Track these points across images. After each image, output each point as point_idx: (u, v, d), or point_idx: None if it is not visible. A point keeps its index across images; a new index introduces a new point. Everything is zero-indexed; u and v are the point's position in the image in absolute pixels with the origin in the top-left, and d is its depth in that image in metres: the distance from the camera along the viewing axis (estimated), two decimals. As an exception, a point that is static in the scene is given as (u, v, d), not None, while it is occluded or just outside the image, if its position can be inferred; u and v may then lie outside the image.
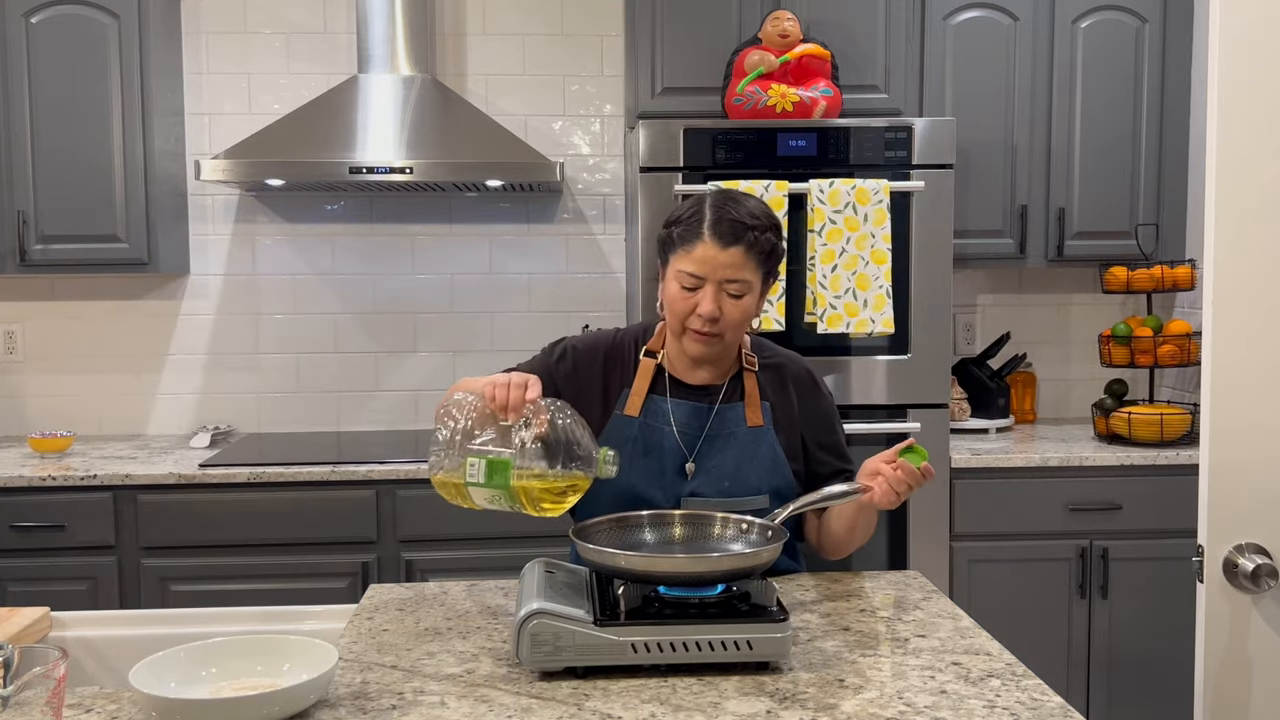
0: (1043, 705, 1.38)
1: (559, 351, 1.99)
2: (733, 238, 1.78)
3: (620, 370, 1.96)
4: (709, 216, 1.80)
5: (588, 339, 2.00)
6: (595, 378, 1.96)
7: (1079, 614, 3.23)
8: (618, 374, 1.96)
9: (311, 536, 3.07)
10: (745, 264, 1.80)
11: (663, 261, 1.89)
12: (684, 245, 1.81)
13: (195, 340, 3.69)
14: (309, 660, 1.41)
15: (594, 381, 1.96)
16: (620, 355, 1.97)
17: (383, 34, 3.41)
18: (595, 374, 1.96)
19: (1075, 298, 3.86)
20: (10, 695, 1.11)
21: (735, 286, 1.80)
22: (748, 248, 1.79)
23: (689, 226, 1.81)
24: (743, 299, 1.82)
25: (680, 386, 1.94)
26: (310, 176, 3.20)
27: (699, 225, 1.80)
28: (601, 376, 1.96)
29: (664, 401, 1.92)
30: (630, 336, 2.00)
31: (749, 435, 1.91)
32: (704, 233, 1.79)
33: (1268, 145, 1.61)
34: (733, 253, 1.78)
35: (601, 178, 3.73)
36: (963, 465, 3.17)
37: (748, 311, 1.84)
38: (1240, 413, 1.63)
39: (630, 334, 2.01)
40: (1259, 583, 1.60)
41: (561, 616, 1.46)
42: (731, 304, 1.81)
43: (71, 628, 1.83)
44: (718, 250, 1.78)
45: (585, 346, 1.98)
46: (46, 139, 3.27)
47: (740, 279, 1.80)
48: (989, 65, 3.43)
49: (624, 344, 1.99)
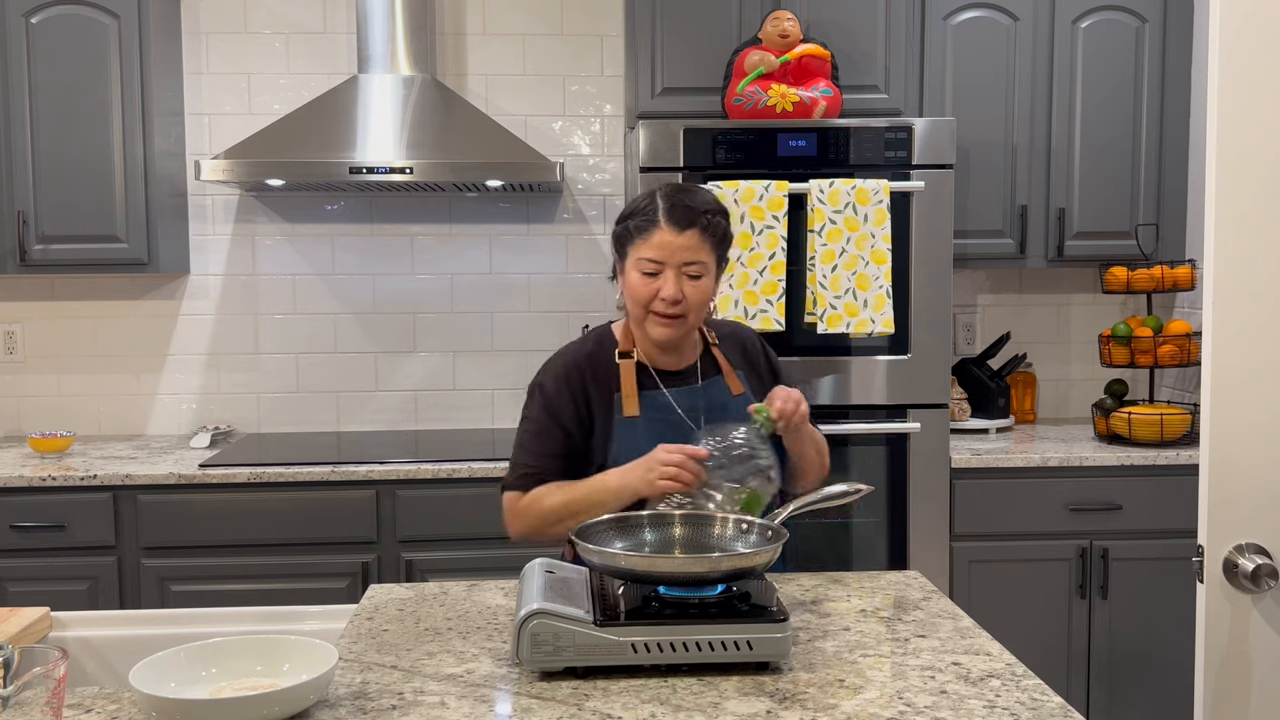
0: (1043, 705, 1.38)
1: (544, 398, 2.00)
2: (688, 222, 1.89)
3: (597, 381, 1.99)
4: (663, 205, 1.91)
5: (553, 371, 2.03)
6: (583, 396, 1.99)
7: (1079, 614, 3.23)
8: (596, 384, 1.99)
9: (311, 536, 3.07)
10: (701, 246, 1.91)
11: (620, 255, 1.98)
12: (641, 235, 1.91)
13: (195, 340, 3.69)
14: (309, 660, 1.41)
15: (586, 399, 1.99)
16: (593, 366, 2.01)
17: (383, 34, 3.41)
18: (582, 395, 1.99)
19: (1075, 298, 3.86)
20: (10, 695, 1.11)
21: (693, 268, 1.91)
22: (702, 230, 1.90)
23: (645, 217, 1.91)
24: (701, 280, 1.92)
25: (665, 375, 2.01)
26: (310, 176, 3.20)
27: (654, 214, 1.90)
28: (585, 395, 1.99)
29: (658, 394, 1.98)
30: (588, 348, 2.04)
31: (737, 403, 2.00)
32: (660, 220, 1.90)
33: (1268, 144, 1.61)
34: (688, 236, 1.89)
35: (601, 178, 3.73)
36: (963, 465, 3.17)
37: (706, 292, 1.94)
38: (1240, 413, 1.63)
39: (587, 346, 2.04)
40: (1259, 583, 1.60)
41: (562, 616, 1.46)
42: (691, 286, 1.91)
43: (71, 628, 1.83)
44: (674, 235, 1.89)
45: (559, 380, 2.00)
46: (46, 139, 3.27)
47: (698, 260, 1.91)
48: (989, 65, 3.43)
49: (590, 355, 2.02)
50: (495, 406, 3.76)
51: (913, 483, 3.15)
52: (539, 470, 1.97)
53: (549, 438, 1.98)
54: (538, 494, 1.95)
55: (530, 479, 1.97)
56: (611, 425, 1.97)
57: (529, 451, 1.99)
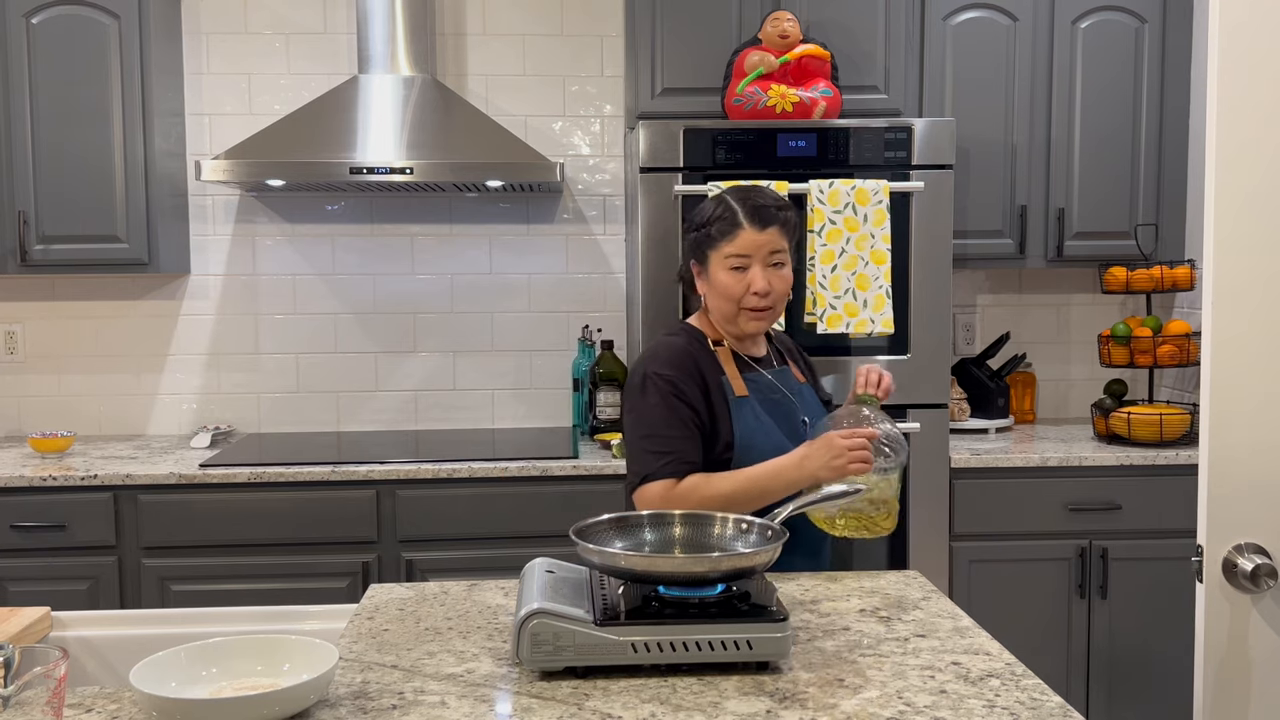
0: (1042, 705, 1.38)
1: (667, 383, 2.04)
2: (768, 220, 2.04)
3: (701, 366, 2.08)
4: (741, 209, 2.05)
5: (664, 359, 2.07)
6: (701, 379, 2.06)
7: (1079, 614, 3.23)
8: (704, 369, 2.08)
9: (311, 536, 3.08)
10: (780, 239, 2.06)
11: (700, 260, 2.09)
12: (725, 238, 2.04)
13: (195, 340, 3.69)
14: (309, 660, 1.41)
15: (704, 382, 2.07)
16: (698, 357, 2.10)
17: (383, 34, 3.41)
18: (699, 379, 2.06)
19: (1075, 298, 3.86)
20: (11, 695, 1.11)
21: (777, 257, 2.06)
22: (780, 225, 2.06)
23: (725, 220, 2.05)
24: (784, 269, 2.08)
25: (754, 362, 2.15)
26: (310, 177, 3.20)
27: (735, 217, 2.04)
28: (701, 378, 2.06)
29: (759, 375, 2.12)
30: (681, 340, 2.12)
31: (804, 389, 2.21)
32: (742, 222, 2.04)
33: (1267, 142, 1.61)
34: (770, 232, 2.04)
35: (601, 178, 3.73)
36: (962, 465, 3.18)
37: (788, 280, 2.09)
38: (1240, 413, 1.63)
39: (680, 339, 2.12)
40: (1259, 583, 1.60)
41: (562, 616, 1.46)
42: (777, 276, 2.06)
43: (71, 628, 1.83)
44: (757, 233, 2.03)
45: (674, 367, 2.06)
46: (46, 139, 3.27)
47: (780, 249, 2.06)
48: (989, 66, 3.43)
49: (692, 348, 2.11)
50: (495, 406, 3.76)
51: (912, 483, 3.15)
52: (681, 452, 1.99)
53: (681, 419, 2.01)
54: (695, 482, 1.97)
55: (677, 462, 1.98)
56: (728, 405, 2.05)
57: (665, 437, 2.00)
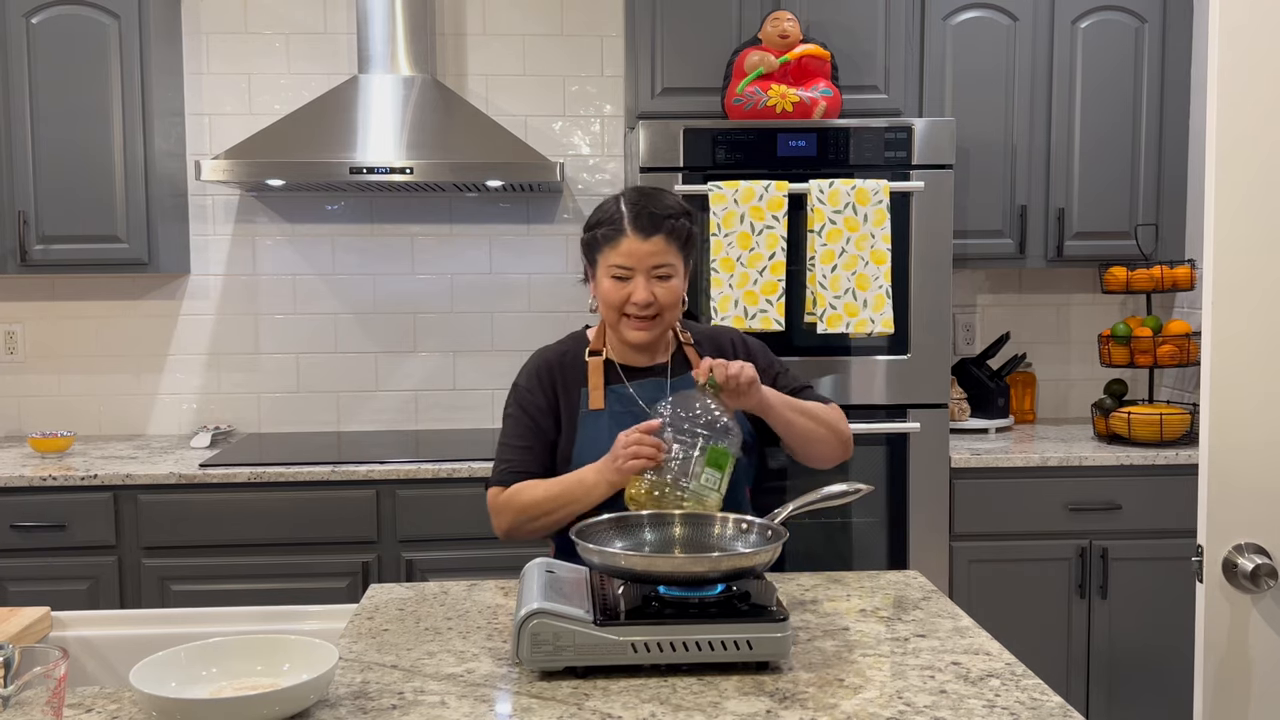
0: (1042, 705, 1.38)
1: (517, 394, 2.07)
2: (653, 228, 1.95)
3: (566, 378, 2.05)
4: (628, 214, 1.96)
5: (527, 369, 2.10)
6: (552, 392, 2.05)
7: (1079, 614, 3.23)
8: (565, 381, 2.05)
9: (311, 536, 3.08)
10: (668, 249, 1.96)
11: (590, 262, 2.04)
12: (609, 243, 1.97)
13: (195, 340, 3.69)
14: (309, 660, 1.41)
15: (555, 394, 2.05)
16: (563, 364, 2.07)
17: (383, 34, 3.41)
18: (550, 391, 2.05)
19: (1075, 298, 3.86)
20: (11, 695, 1.11)
21: (662, 270, 1.96)
22: (667, 235, 1.96)
23: (611, 225, 1.97)
24: (671, 280, 1.98)
25: (634, 372, 2.06)
26: (310, 176, 3.20)
27: (620, 222, 1.96)
28: (553, 390, 2.05)
29: (623, 388, 2.03)
30: (563, 347, 2.11)
31: None
32: (626, 228, 1.95)
33: (1267, 141, 1.61)
34: (655, 241, 1.95)
35: (602, 178, 3.73)
36: (962, 465, 3.18)
37: (676, 292, 1.99)
38: (1240, 413, 1.63)
39: (562, 345, 2.12)
40: (1259, 583, 1.60)
41: (562, 616, 1.46)
42: (662, 287, 1.97)
43: (71, 628, 1.83)
44: (641, 242, 1.94)
45: (530, 376, 2.08)
46: (46, 139, 3.27)
47: (665, 263, 1.96)
48: (989, 66, 3.43)
49: (562, 354, 2.09)
50: (495, 406, 3.76)
51: (912, 483, 3.15)
52: (517, 464, 2.02)
53: (524, 432, 2.03)
54: (516, 489, 1.99)
55: (510, 474, 2.01)
56: (577, 419, 2.01)
57: (507, 447, 2.04)
